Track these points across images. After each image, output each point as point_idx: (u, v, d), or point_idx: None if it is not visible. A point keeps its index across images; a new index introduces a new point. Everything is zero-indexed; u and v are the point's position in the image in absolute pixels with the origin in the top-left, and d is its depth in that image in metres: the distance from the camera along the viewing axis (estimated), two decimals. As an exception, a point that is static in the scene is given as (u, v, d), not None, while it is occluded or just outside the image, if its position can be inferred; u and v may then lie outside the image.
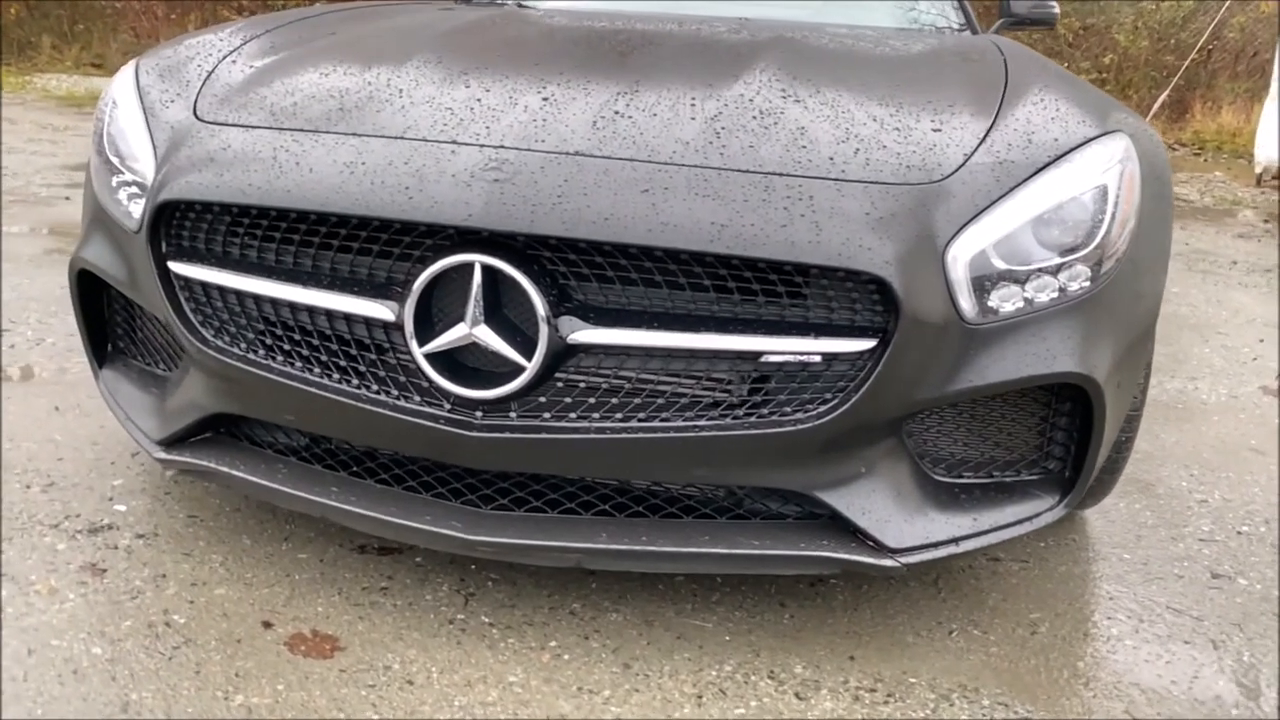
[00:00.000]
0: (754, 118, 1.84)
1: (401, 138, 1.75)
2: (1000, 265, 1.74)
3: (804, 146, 1.77)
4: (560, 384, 1.69)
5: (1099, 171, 1.83)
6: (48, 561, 1.99)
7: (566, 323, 1.63)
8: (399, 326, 1.68)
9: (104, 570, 1.97)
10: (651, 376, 1.69)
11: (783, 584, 2.07)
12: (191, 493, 2.27)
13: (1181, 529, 2.42)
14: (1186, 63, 9.66)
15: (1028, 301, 1.76)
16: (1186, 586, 2.17)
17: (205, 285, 1.83)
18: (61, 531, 2.09)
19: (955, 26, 3.33)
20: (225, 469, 1.89)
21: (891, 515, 1.78)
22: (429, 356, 1.67)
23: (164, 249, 1.85)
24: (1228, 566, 2.26)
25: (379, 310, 1.69)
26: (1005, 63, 2.33)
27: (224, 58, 2.18)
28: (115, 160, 2.06)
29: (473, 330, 1.63)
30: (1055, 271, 1.78)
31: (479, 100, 1.86)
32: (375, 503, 1.79)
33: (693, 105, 1.86)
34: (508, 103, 1.85)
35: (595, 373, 1.69)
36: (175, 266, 1.83)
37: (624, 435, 1.67)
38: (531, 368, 1.64)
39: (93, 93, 9.05)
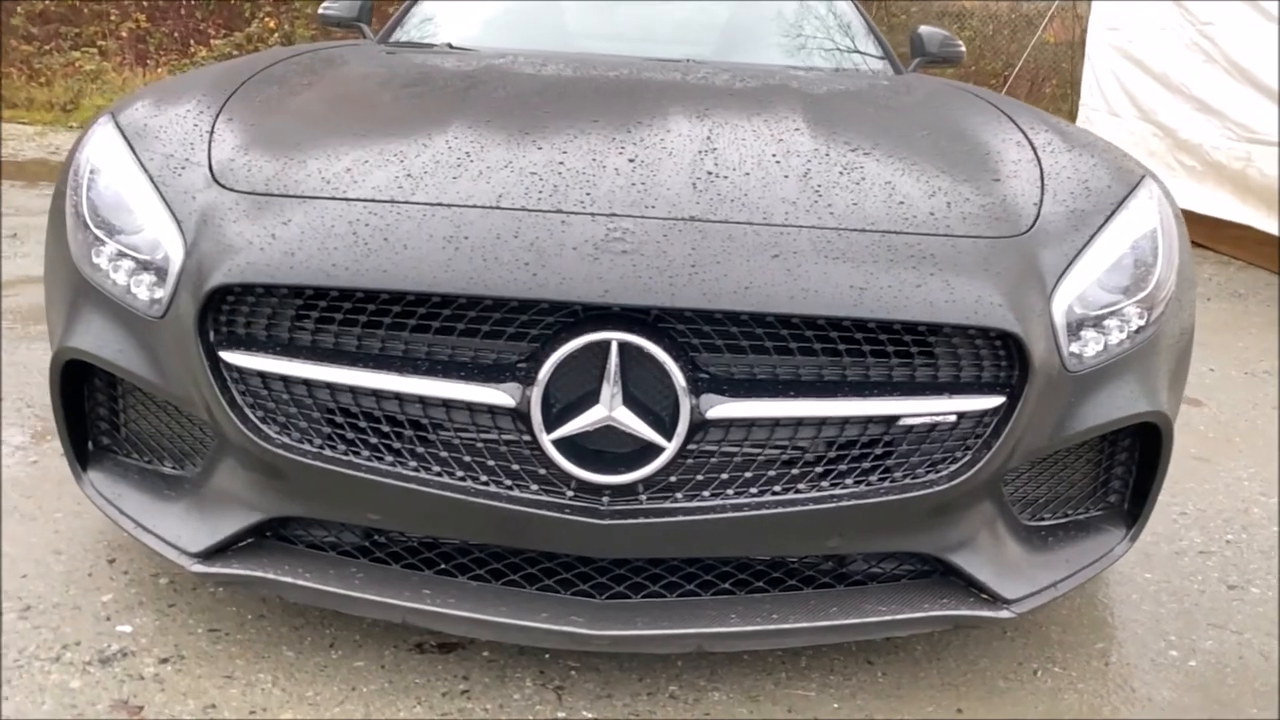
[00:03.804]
0: (840, 173, 1.81)
1: (497, 207, 1.62)
2: (1081, 312, 1.77)
3: (901, 202, 1.75)
4: (689, 461, 1.60)
5: (1151, 215, 1.91)
6: (67, 704, 1.71)
7: (706, 398, 1.55)
8: (519, 412, 1.54)
9: (140, 707, 1.71)
10: (783, 445, 1.63)
11: (862, 640, 2.03)
12: (199, 602, 2.02)
13: (1179, 543, 2.55)
14: (1005, 87, 10.40)
15: (1106, 346, 1.81)
16: (1212, 600, 2.29)
17: (266, 376, 1.63)
18: (68, 665, 1.81)
19: (880, 65, 3.41)
20: (287, 579, 1.68)
21: (1003, 566, 1.79)
22: (556, 442, 1.54)
23: (212, 338, 1.63)
24: (1235, 576, 2.40)
25: (497, 396, 1.54)
26: (995, 105, 2.41)
27: (217, 116, 1.97)
28: (101, 233, 1.82)
29: (612, 413, 1.52)
30: (1123, 314, 1.83)
31: (561, 163, 1.74)
32: (479, 603, 1.64)
33: (777, 162, 1.82)
34: (594, 165, 1.74)
35: (724, 446, 1.61)
36: (229, 357, 1.62)
37: (761, 511, 1.60)
38: (672, 447, 1.54)
39: None
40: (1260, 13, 6.22)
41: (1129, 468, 1.98)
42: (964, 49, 3.88)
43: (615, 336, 1.51)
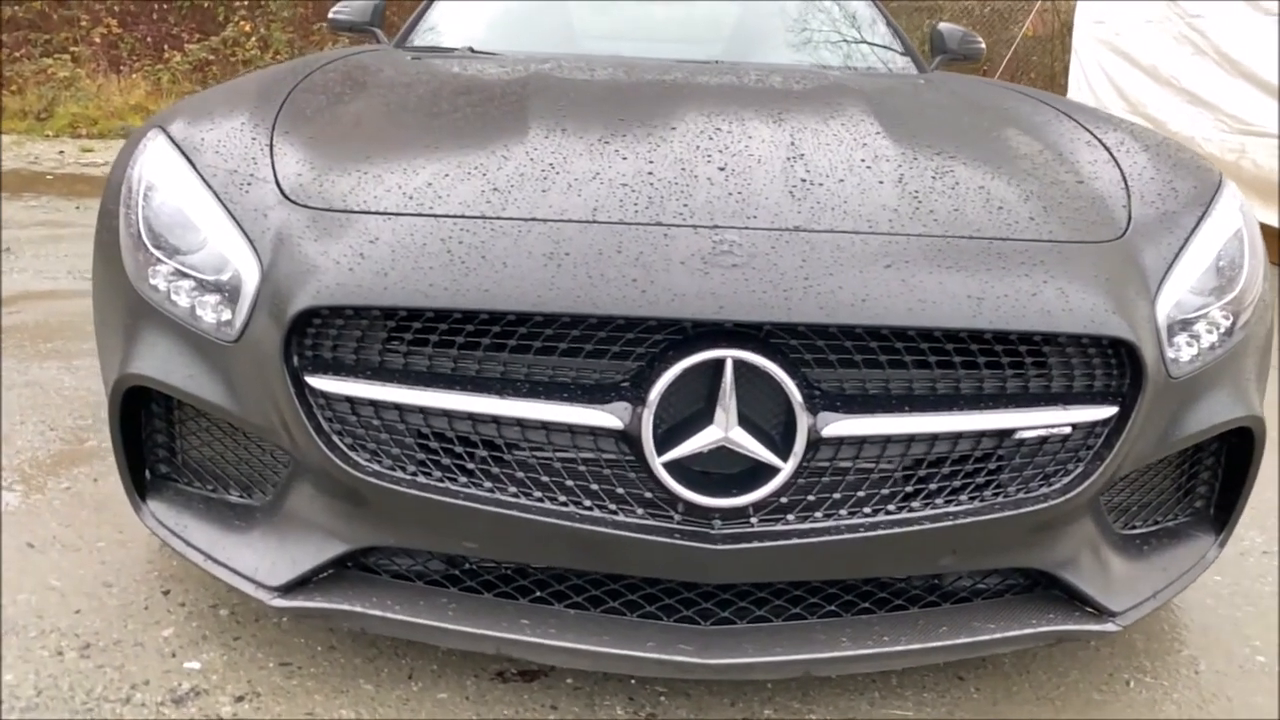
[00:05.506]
0: (933, 178, 1.76)
1: (594, 221, 1.56)
2: (1179, 316, 1.74)
3: (1000, 208, 1.71)
4: (801, 481, 1.54)
5: (1235, 216, 1.88)
6: (145, 749, 1.63)
7: (822, 416, 1.49)
8: (627, 434, 1.48)
9: (223, 750, 1.64)
10: (897, 461, 1.57)
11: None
12: (265, 634, 1.94)
13: (1242, 544, 2.53)
14: (997, 76, 10.43)
15: (1201, 350, 1.77)
16: (1287, 603, 2.26)
17: (355, 401, 1.55)
18: (139, 707, 1.72)
19: (904, 64, 3.37)
20: (376, 612, 1.61)
21: (1107, 578, 1.75)
22: (666, 465, 1.48)
23: (296, 362, 1.56)
24: (1304, 577, 2.38)
25: (604, 418, 1.48)
26: (1049, 104, 2.38)
27: (273, 129, 1.89)
28: (160, 253, 1.73)
29: (728, 434, 1.46)
30: (1212, 318, 1.80)
31: (650, 173, 1.68)
32: (581, 633, 1.57)
33: (868, 168, 1.76)
34: (685, 175, 1.68)
35: (837, 465, 1.55)
36: (315, 382, 1.54)
37: (875, 531, 1.55)
38: (788, 468, 1.48)
39: None
40: (1252, 6, 6.26)
41: (1215, 472, 1.95)
42: (984, 45, 3.86)
43: (731, 354, 1.45)
